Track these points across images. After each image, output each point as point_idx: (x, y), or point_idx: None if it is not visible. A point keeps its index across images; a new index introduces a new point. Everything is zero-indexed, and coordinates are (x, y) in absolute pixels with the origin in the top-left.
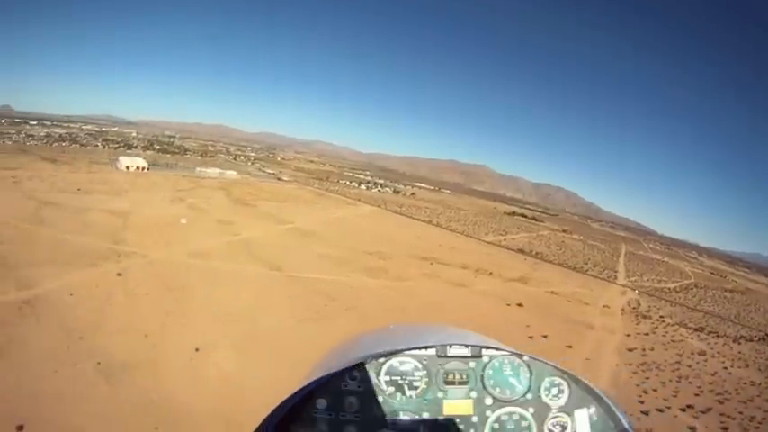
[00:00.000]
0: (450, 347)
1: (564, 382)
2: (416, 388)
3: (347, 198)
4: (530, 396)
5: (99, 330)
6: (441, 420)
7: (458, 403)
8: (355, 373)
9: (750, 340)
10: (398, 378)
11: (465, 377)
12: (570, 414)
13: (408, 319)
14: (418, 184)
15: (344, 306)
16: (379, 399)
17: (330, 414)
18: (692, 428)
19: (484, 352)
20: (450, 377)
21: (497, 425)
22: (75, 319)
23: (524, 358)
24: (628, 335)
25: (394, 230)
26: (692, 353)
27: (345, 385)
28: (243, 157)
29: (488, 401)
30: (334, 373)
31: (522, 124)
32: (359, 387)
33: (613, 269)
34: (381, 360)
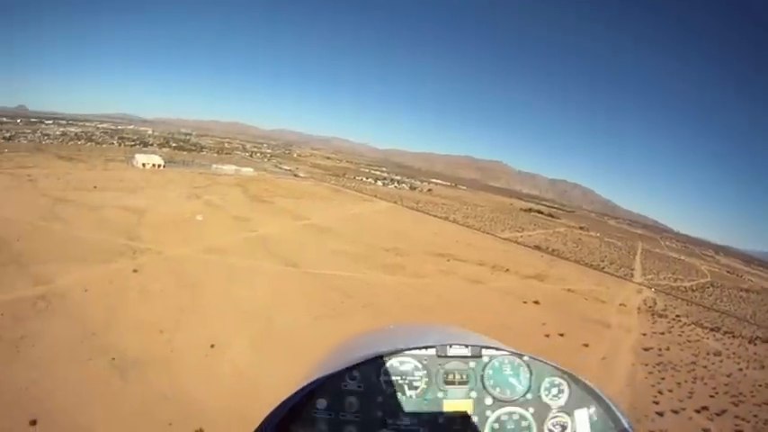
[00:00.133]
0: (451, 347)
1: (564, 382)
2: (416, 388)
3: (364, 194)
4: (530, 396)
5: (113, 326)
6: (441, 420)
7: (458, 403)
8: (355, 373)
9: (766, 341)
10: (398, 378)
11: (465, 377)
12: (570, 414)
13: (424, 318)
14: (435, 180)
15: (361, 303)
16: (379, 399)
17: (330, 414)
18: (707, 431)
19: (484, 352)
20: (450, 377)
21: (497, 425)
22: (89, 314)
23: (524, 358)
24: (644, 334)
25: (410, 227)
26: (708, 353)
27: (345, 385)
28: (259, 154)
29: (488, 401)
30: (334, 373)
31: (539, 120)
32: (359, 387)
33: (630, 267)
34: (381, 360)
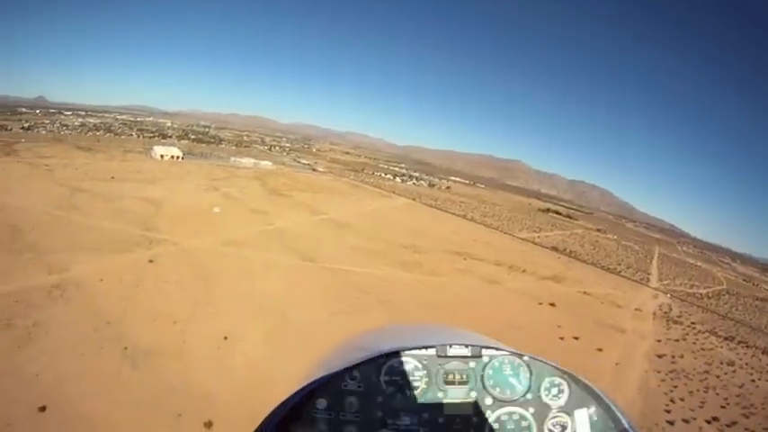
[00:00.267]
0: (450, 347)
1: (564, 381)
2: (416, 388)
3: (382, 190)
4: (530, 396)
5: (127, 316)
6: (441, 420)
7: (458, 403)
8: (355, 373)
9: None
10: (398, 378)
11: (465, 377)
12: (570, 414)
13: (438, 317)
14: (453, 177)
15: (378, 300)
16: (379, 399)
17: (330, 414)
18: None
19: (484, 352)
20: (450, 377)
21: (497, 425)
22: (103, 304)
23: (524, 358)
24: (658, 340)
25: (428, 224)
26: (721, 363)
27: (345, 385)
28: (278, 148)
29: (488, 401)
30: (334, 373)
31: (559, 121)
32: (359, 387)
33: (646, 271)
34: (381, 360)
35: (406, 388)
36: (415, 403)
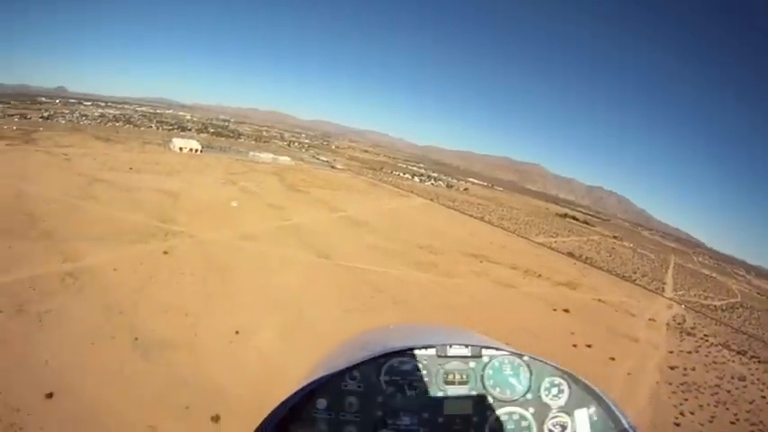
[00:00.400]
0: (451, 347)
1: (564, 382)
2: (416, 388)
3: (400, 189)
4: (530, 396)
5: (139, 307)
6: (441, 420)
7: (458, 403)
8: (355, 373)
9: None
10: (398, 378)
11: (465, 377)
12: (570, 414)
13: (452, 319)
14: (471, 179)
15: (392, 299)
16: (379, 399)
17: (330, 414)
18: None
19: (484, 352)
20: (451, 377)
21: (497, 425)
22: (116, 293)
23: (524, 358)
24: (671, 352)
25: (446, 225)
26: (733, 377)
27: (345, 385)
28: (297, 144)
29: (488, 401)
30: (334, 373)
31: (578, 125)
32: (359, 387)
33: (661, 281)
34: (381, 360)
35: (406, 388)
36: (415, 403)
